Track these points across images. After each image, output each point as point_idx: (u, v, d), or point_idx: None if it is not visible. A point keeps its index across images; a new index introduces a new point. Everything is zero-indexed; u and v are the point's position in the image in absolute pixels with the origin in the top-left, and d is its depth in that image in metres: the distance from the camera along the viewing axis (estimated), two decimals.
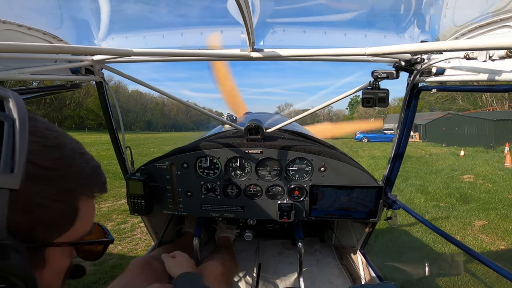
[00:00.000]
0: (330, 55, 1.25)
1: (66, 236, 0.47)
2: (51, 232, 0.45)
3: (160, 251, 1.94)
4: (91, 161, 0.52)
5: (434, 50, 1.03)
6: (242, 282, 1.88)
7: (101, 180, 0.54)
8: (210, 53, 1.40)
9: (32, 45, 0.96)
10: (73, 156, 0.48)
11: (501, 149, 15.25)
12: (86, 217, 0.51)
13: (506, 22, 1.03)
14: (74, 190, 0.47)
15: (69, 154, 0.48)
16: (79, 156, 0.50)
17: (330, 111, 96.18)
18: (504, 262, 4.16)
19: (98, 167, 0.54)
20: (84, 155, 0.51)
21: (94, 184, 0.52)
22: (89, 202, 0.51)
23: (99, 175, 0.53)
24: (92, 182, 0.51)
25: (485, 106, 37.14)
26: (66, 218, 0.47)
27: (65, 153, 0.47)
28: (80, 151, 0.51)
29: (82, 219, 0.49)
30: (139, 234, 5.05)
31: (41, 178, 0.42)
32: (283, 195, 1.77)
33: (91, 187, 0.51)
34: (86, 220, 0.51)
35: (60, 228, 0.46)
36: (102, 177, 0.55)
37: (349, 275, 2.03)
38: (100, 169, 0.54)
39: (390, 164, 1.83)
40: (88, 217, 0.52)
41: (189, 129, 78.61)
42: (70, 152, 0.48)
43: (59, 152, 0.46)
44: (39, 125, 0.46)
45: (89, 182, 0.51)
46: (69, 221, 0.47)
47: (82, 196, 0.49)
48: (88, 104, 59.73)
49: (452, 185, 8.53)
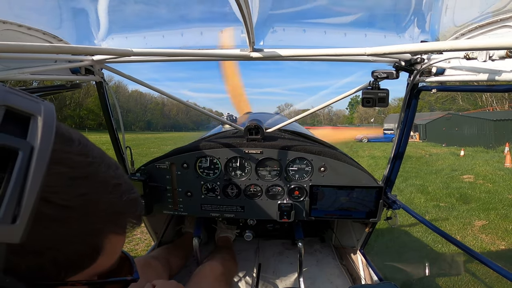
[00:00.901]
0: (330, 55, 1.25)
1: (84, 273, 0.41)
2: (65, 272, 0.38)
3: (160, 251, 1.94)
4: (127, 193, 0.43)
5: (434, 50, 1.03)
6: (242, 282, 1.88)
7: (135, 213, 0.45)
8: (210, 53, 1.40)
9: (32, 45, 0.96)
10: (105, 190, 0.40)
11: (501, 149, 15.25)
12: (112, 254, 0.43)
13: (506, 22, 1.03)
14: (100, 230, 0.40)
15: (99, 187, 0.39)
16: (113, 188, 0.41)
17: (330, 111, 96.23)
18: (504, 262, 4.16)
19: (135, 199, 0.45)
20: (119, 187, 0.42)
21: (126, 219, 0.44)
22: (117, 238, 0.43)
23: (134, 208, 0.45)
24: (125, 218, 0.43)
25: (485, 106, 37.14)
26: (85, 258, 0.39)
27: (94, 187, 0.39)
28: (114, 182, 0.42)
29: (107, 256, 0.42)
30: (139, 234, 5.04)
31: (57, 219, 0.35)
32: (283, 195, 1.77)
33: (123, 223, 0.43)
34: (111, 256, 0.43)
35: (78, 268, 0.39)
36: (138, 209, 0.46)
37: (349, 275, 2.03)
38: (137, 202, 0.45)
39: (390, 164, 1.83)
40: (114, 254, 0.44)
41: (189, 129, 78.66)
42: (102, 185, 0.40)
43: (87, 185, 0.38)
44: (73, 150, 0.38)
45: (120, 218, 0.43)
46: (89, 261, 0.40)
47: (109, 234, 0.41)
48: (88, 104, 59.81)
49: (452, 185, 8.53)
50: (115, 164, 0.44)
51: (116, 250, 0.45)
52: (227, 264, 1.80)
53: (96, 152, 0.42)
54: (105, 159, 0.43)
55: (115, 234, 0.42)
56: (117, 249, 0.45)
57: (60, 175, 0.35)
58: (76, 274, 0.40)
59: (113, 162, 0.44)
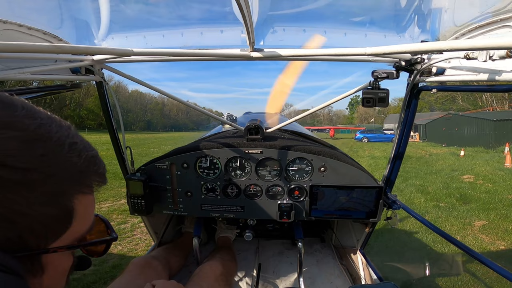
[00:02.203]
0: (330, 55, 1.25)
1: (63, 239, 0.42)
2: (44, 239, 0.40)
3: (160, 251, 1.94)
4: (84, 150, 0.44)
5: (434, 50, 1.03)
6: (242, 282, 1.88)
7: (98, 171, 0.46)
8: (210, 53, 1.40)
9: (32, 45, 0.96)
10: (61, 149, 0.40)
11: (501, 149, 15.26)
12: (85, 215, 0.45)
13: (506, 22, 1.03)
14: (66, 190, 0.41)
15: (55, 147, 0.40)
16: (69, 147, 0.41)
17: (330, 111, 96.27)
18: (504, 262, 4.15)
19: (93, 156, 0.45)
20: (75, 145, 0.42)
21: (90, 178, 0.45)
22: (87, 198, 0.44)
23: (96, 166, 0.45)
24: (88, 176, 0.44)
25: (485, 106, 37.14)
26: (59, 222, 0.41)
27: (50, 147, 0.39)
28: (70, 141, 0.42)
29: (80, 218, 0.43)
30: (139, 234, 5.04)
31: (18, 183, 0.35)
32: (283, 195, 1.77)
33: (88, 182, 0.44)
34: (85, 218, 0.45)
35: (55, 233, 0.41)
36: (100, 167, 0.47)
37: (349, 275, 2.03)
38: (96, 159, 0.46)
39: (390, 164, 1.83)
40: (87, 215, 0.46)
41: (189, 129, 78.74)
42: (57, 145, 0.40)
43: (42, 146, 0.38)
44: (18, 114, 0.38)
45: (84, 177, 0.43)
46: (64, 224, 0.42)
47: (77, 194, 0.42)
48: (88, 104, 59.86)
49: (452, 185, 8.53)
50: (67, 124, 0.44)
51: (88, 211, 0.46)
52: (227, 264, 1.79)
53: (43, 114, 0.42)
54: (55, 120, 0.43)
55: (82, 194, 0.43)
56: (89, 210, 0.46)
57: (11, 139, 0.36)
58: (56, 240, 0.41)
59: (64, 122, 0.45)
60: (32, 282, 0.40)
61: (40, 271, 0.41)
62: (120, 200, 7.00)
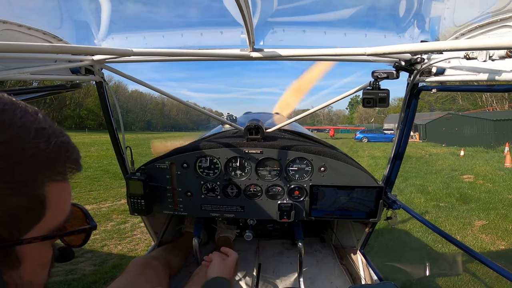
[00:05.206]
0: (330, 55, 1.25)
1: (38, 229, 0.41)
2: (17, 230, 0.38)
3: (160, 251, 1.94)
4: (54, 136, 0.42)
5: (434, 50, 1.03)
6: (242, 282, 1.88)
7: (71, 158, 0.44)
8: (210, 53, 1.40)
9: (32, 45, 0.96)
10: (27, 135, 0.39)
11: (501, 149, 15.26)
12: (59, 204, 0.43)
13: (506, 22, 1.03)
14: (36, 178, 0.39)
15: (20, 133, 0.38)
16: (35, 133, 0.39)
17: (330, 111, 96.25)
18: (504, 262, 4.16)
19: (64, 142, 0.43)
20: (42, 131, 0.40)
21: (61, 164, 0.43)
22: (59, 186, 0.42)
23: (67, 152, 0.43)
24: (58, 163, 0.42)
25: (485, 106, 37.14)
26: (31, 212, 0.39)
27: (14, 133, 0.37)
28: (36, 126, 0.40)
29: (55, 207, 0.42)
30: (139, 234, 5.04)
31: None
32: (283, 195, 1.77)
33: (59, 168, 0.42)
34: (59, 207, 0.43)
35: (27, 224, 0.39)
36: (73, 153, 0.45)
37: (349, 275, 2.03)
38: (68, 145, 0.44)
39: (390, 164, 1.83)
40: (62, 204, 0.44)
41: (189, 129, 78.71)
42: (22, 130, 0.38)
43: (5, 132, 0.37)
44: None
45: (54, 164, 0.41)
46: (37, 214, 0.40)
47: (47, 182, 0.40)
48: (88, 104, 59.84)
49: (452, 185, 8.53)
50: (34, 110, 0.42)
51: (63, 199, 0.44)
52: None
53: (7, 99, 0.41)
54: (20, 105, 0.41)
55: (54, 182, 0.41)
56: (64, 198, 0.44)
57: None
58: (29, 231, 0.39)
59: (32, 108, 0.43)
60: (9, 275, 0.39)
61: (17, 263, 0.40)
62: (120, 200, 7.00)
